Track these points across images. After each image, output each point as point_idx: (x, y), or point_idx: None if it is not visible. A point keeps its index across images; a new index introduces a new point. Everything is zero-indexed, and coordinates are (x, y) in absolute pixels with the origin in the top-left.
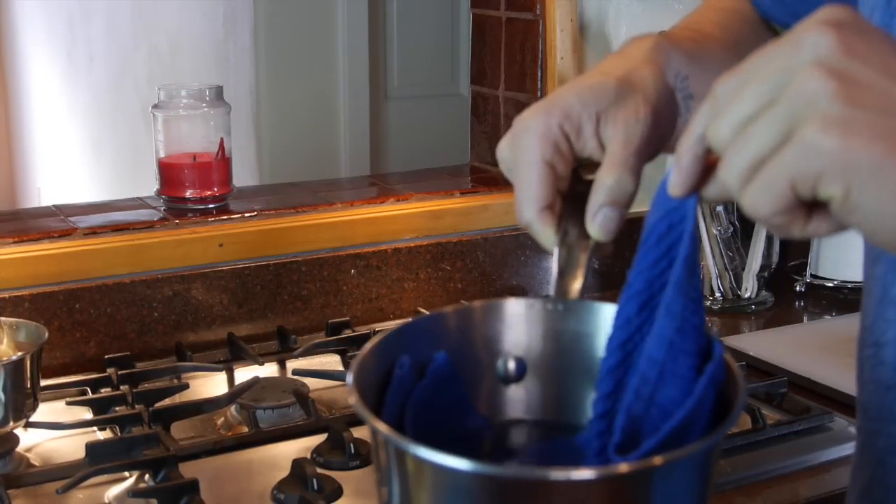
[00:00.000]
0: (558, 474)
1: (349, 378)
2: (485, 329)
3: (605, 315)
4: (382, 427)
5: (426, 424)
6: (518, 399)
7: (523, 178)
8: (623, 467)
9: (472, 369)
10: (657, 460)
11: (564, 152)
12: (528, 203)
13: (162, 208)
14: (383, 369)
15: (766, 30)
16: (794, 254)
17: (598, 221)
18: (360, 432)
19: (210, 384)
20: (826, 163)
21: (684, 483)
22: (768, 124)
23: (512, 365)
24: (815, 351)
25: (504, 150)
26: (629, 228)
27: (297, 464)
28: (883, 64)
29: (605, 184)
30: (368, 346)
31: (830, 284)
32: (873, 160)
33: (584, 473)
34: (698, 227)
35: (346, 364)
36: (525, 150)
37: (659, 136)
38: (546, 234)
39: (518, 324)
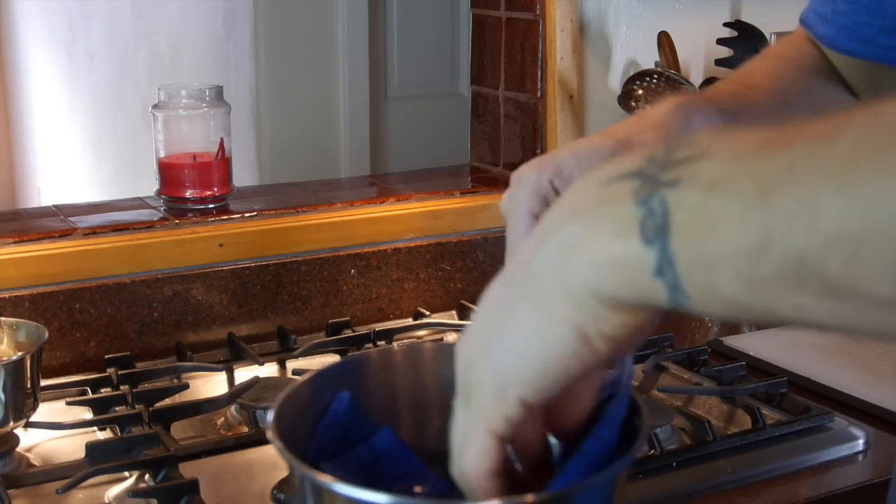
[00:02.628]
0: None
1: (269, 415)
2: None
3: None
4: (298, 462)
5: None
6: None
7: (513, 228)
8: (529, 497)
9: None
10: (559, 493)
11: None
12: (512, 252)
13: (162, 208)
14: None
15: (820, 76)
16: None
17: None
18: None
19: (210, 384)
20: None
21: None
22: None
23: None
24: (815, 351)
25: (504, 200)
26: None
27: None
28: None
29: None
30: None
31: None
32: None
33: (494, 503)
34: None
35: None
36: (517, 201)
37: None
38: None
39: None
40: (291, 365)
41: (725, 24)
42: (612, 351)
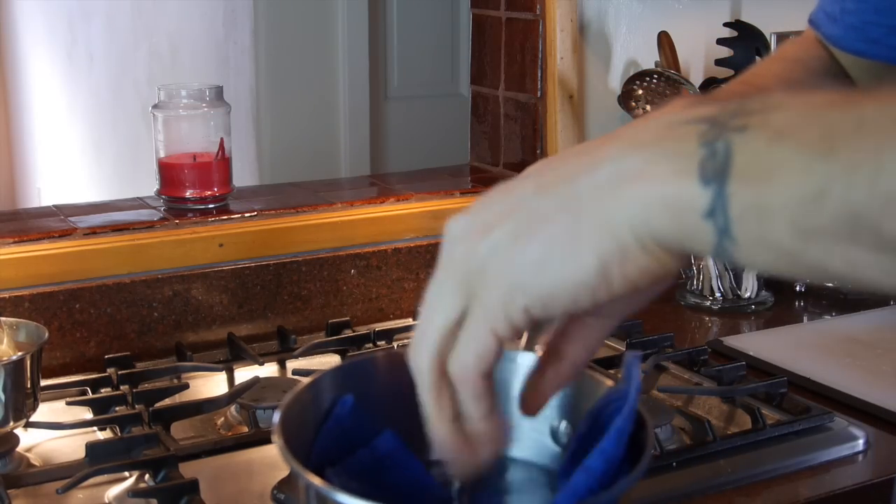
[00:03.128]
0: None
1: (275, 418)
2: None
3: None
4: (304, 471)
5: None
6: None
7: None
8: None
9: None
10: None
11: None
12: None
13: (162, 208)
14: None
15: (828, 77)
16: None
17: None
18: None
19: (210, 384)
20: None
21: None
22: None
23: None
24: (815, 351)
25: None
26: None
27: None
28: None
29: None
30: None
31: (830, 284)
32: (529, 263)
33: None
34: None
35: None
36: None
37: None
38: None
39: None
40: (291, 365)
41: (725, 24)
42: (625, 293)
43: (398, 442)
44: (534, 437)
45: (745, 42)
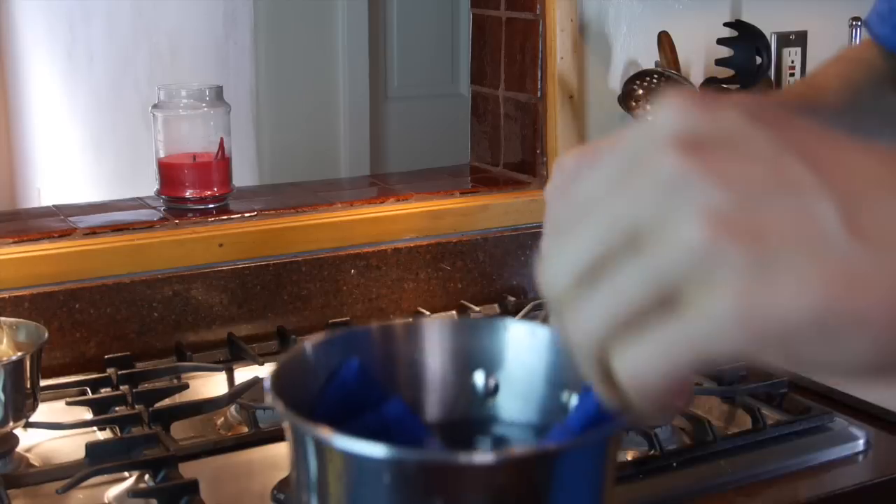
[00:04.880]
0: (461, 457)
1: (267, 379)
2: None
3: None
4: (296, 417)
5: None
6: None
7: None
8: (516, 450)
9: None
10: (550, 447)
11: None
12: (547, 234)
13: (162, 208)
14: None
15: (890, 78)
16: None
17: None
18: None
19: (210, 384)
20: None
21: (578, 469)
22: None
23: (492, 381)
24: None
25: (547, 187)
26: None
27: None
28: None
29: None
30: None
31: None
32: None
33: (486, 457)
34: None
35: None
36: (555, 188)
37: None
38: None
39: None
40: None
41: (725, 24)
42: None
43: (406, 408)
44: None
45: (745, 42)
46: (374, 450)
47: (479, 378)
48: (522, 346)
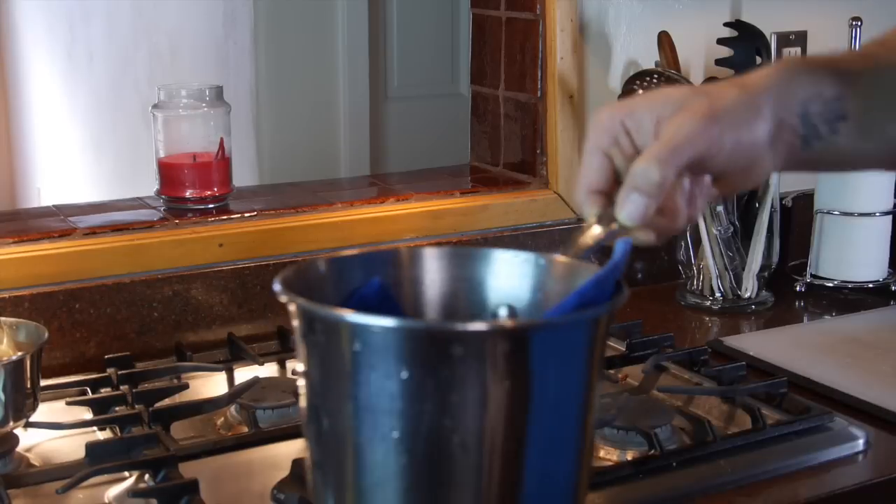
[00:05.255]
0: (460, 325)
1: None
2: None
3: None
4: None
5: None
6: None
7: (583, 163)
8: (511, 323)
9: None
10: (534, 322)
11: (623, 145)
12: (580, 183)
13: (162, 208)
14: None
15: None
16: (794, 254)
17: (625, 206)
18: None
19: (210, 384)
20: None
21: (562, 345)
22: None
23: (505, 312)
24: (815, 351)
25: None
26: None
27: (297, 464)
28: None
29: (633, 171)
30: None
31: (830, 284)
32: None
33: (479, 326)
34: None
35: None
36: (589, 139)
37: (721, 149)
38: (586, 212)
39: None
40: (291, 365)
41: (725, 24)
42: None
43: (387, 290)
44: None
45: (745, 42)
46: (379, 321)
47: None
48: (524, 275)
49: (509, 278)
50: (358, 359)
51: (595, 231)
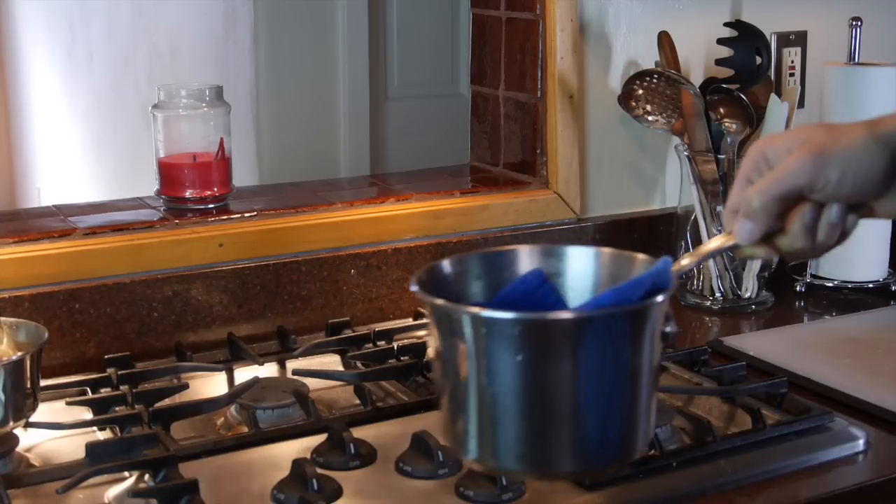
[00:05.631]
0: (545, 314)
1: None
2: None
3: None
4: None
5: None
6: None
7: (733, 189)
8: (568, 313)
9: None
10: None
11: (762, 173)
12: (726, 204)
13: (162, 208)
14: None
15: None
16: None
17: (736, 227)
18: (359, 432)
19: (210, 384)
20: None
21: (615, 331)
22: None
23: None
24: (815, 351)
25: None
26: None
27: (297, 464)
28: None
29: (743, 198)
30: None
31: (830, 284)
32: None
33: (563, 314)
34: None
35: (346, 364)
36: (740, 166)
37: (828, 182)
38: (725, 227)
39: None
40: (291, 365)
41: (725, 24)
42: None
43: (544, 279)
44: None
45: (745, 42)
46: (497, 314)
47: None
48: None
49: (585, 272)
50: (480, 342)
51: (715, 242)
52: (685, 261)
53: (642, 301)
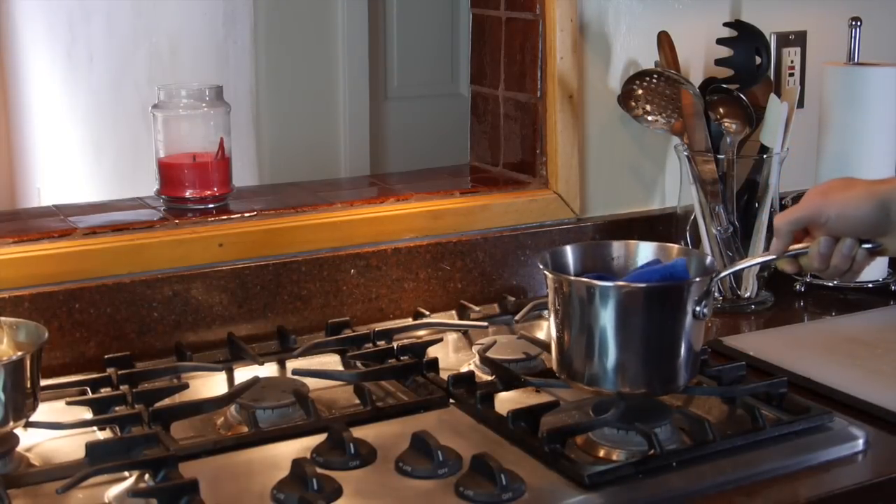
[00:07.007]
0: (608, 283)
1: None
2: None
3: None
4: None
5: None
6: None
7: (777, 239)
8: (621, 284)
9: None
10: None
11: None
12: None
13: (162, 208)
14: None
15: None
16: None
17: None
18: (359, 432)
19: (210, 384)
20: None
21: (663, 304)
22: None
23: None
24: (815, 351)
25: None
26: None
27: (297, 464)
28: None
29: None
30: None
31: (830, 284)
32: None
33: (616, 283)
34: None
35: (345, 364)
36: (787, 218)
37: (829, 217)
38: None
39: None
40: (291, 365)
41: (725, 24)
42: None
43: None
44: None
45: (745, 42)
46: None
47: None
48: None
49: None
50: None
51: (758, 257)
52: (729, 268)
53: (685, 279)
